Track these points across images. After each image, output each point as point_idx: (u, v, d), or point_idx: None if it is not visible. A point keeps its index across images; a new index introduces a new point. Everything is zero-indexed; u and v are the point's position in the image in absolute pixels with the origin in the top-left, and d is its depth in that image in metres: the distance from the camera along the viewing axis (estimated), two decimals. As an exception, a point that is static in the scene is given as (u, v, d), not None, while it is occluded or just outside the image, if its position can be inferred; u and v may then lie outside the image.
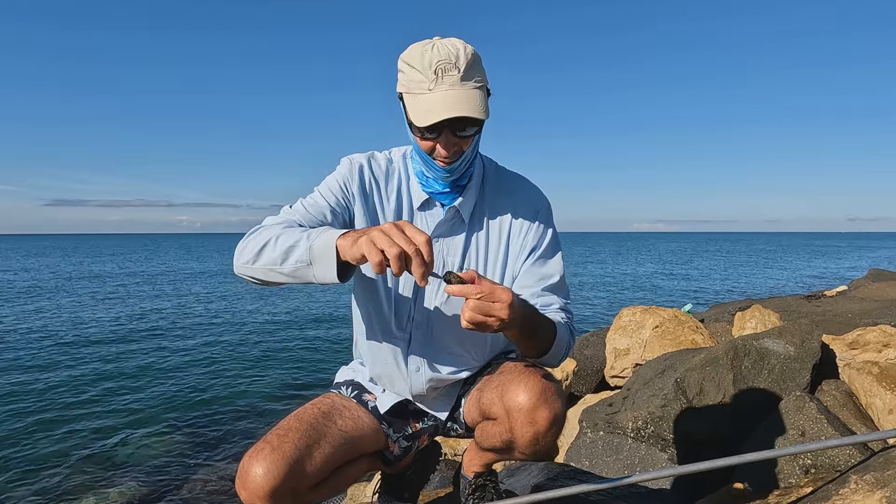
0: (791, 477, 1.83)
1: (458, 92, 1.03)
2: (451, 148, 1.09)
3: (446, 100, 1.03)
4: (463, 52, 1.05)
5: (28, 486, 4.46)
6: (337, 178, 1.21)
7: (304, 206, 1.16)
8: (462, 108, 1.02)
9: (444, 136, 1.08)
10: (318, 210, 1.15)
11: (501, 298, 0.93)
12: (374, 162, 1.25)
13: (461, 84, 1.04)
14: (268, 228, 1.08)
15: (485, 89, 1.08)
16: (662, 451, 2.34)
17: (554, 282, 1.23)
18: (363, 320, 1.28)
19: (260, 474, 1.02)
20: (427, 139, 1.09)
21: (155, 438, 5.47)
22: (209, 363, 8.85)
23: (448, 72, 1.03)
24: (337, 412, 1.22)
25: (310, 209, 1.15)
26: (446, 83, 1.03)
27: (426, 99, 1.04)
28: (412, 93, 1.07)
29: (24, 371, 8.12)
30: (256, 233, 1.08)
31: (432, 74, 1.03)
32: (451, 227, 1.22)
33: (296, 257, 0.99)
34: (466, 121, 1.06)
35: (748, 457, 1.29)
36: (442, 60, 1.03)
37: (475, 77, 1.06)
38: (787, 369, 2.50)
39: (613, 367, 4.49)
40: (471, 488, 1.38)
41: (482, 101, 1.06)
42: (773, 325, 4.57)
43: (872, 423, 2.36)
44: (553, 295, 1.22)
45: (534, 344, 1.10)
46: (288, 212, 1.15)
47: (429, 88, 1.04)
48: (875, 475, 1.31)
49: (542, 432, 1.07)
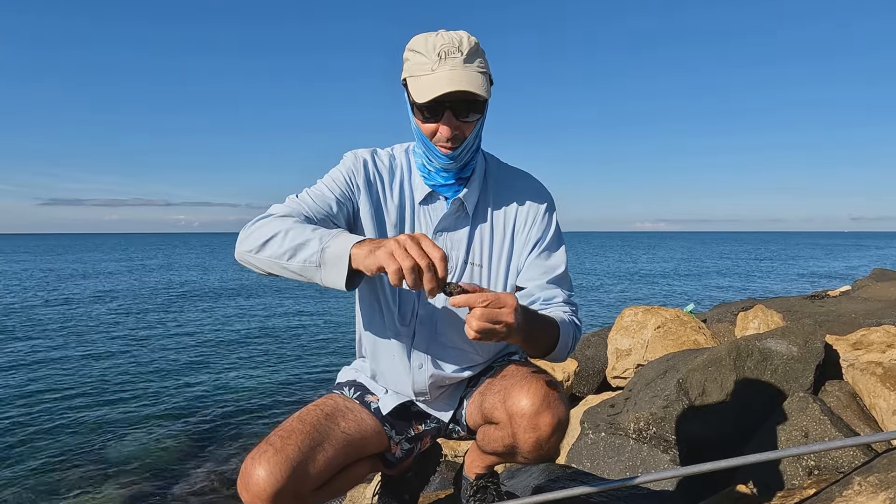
0: (794, 478, 1.82)
1: (461, 72, 1.05)
2: (453, 130, 1.09)
3: (448, 77, 1.04)
4: (466, 40, 1.07)
5: (28, 486, 4.47)
6: (342, 170, 1.21)
7: (311, 197, 1.15)
8: (464, 83, 1.03)
9: (445, 117, 1.08)
10: (324, 201, 1.15)
11: (507, 303, 0.93)
12: (377, 157, 1.25)
13: (464, 66, 1.06)
14: (276, 219, 1.06)
15: (487, 76, 1.10)
16: (665, 453, 2.33)
17: (558, 273, 1.23)
18: (366, 315, 1.28)
19: (262, 476, 1.02)
20: (429, 121, 1.10)
21: (155, 439, 5.48)
22: (210, 362, 8.86)
23: (451, 54, 1.05)
24: (340, 414, 1.21)
25: (316, 200, 1.14)
26: (449, 64, 1.05)
27: (428, 78, 1.06)
28: (415, 75, 1.08)
29: (23, 371, 8.15)
30: (263, 222, 1.07)
31: (436, 57, 1.05)
32: (455, 221, 1.22)
33: (305, 256, 0.98)
34: (468, 105, 1.07)
35: (751, 458, 1.29)
36: (446, 44, 1.06)
37: (478, 62, 1.08)
38: (791, 370, 2.50)
39: (615, 368, 4.48)
40: (472, 490, 1.38)
41: (484, 82, 1.07)
42: (776, 325, 4.55)
43: (876, 424, 2.35)
44: (557, 288, 1.22)
45: (538, 346, 1.10)
46: (294, 201, 1.14)
47: (432, 69, 1.06)
48: (879, 476, 1.30)
49: (544, 438, 1.07)
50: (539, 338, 1.08)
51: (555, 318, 1.13)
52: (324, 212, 1.13)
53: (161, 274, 27.89)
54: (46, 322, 12.78)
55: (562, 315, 1.16)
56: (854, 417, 2.36)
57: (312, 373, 8.15)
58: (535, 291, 1.21)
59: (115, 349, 9.81)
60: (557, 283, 1.23)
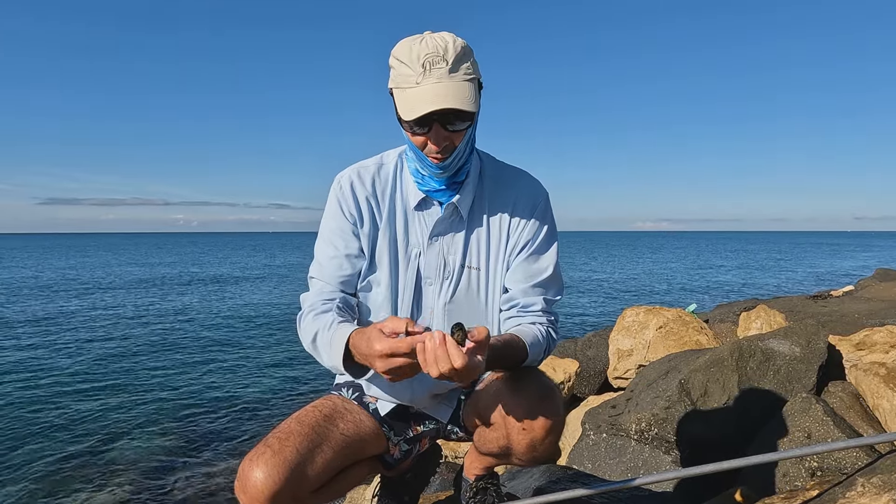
0: (797, 479, 1.81)
1: (446, 84, 1.01)
2: (442, 143, 1.07)
3: (433, 92, 1.01)
4: (452, 45, 1.02)
5: (26, 487, 4.47)
6: (332, 208, 1.21)
7: (328, 269, 1.19)
8: (449, 100, 1.00)
9: (433, 130, 1.05)
10: (339, 264, 1.18)
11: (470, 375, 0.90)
12: (362, 173, 1.23)
13: (449, 77, 1.02)
14: (308, 325, 1.12)
15: (475, 82, 1.06)
16: (666, 454, 2.32)
17: (545, 277, 1.21)
18: (363, 325, 1.27)
19: (260, 479, 1.02)
20: (417, 134, 1.07)
21: (154, 439, 5.48)
22: (209, 362, 8.86)
23: (436, 64, 1.01)
24: (339, 415, 1.21)
25: (335, 270, 1.18)
26: (434, 76, 1.01)
27: (413, 93, 1.02)
28: (401, 87, 1.05)
29: (22, 371, 8.16)
30: (301, 326, 1.15)
31: (420, 68, 1.01)
32: (450, 225, 1.20)
33: (329, 366, 1.09)
34: (456, 114, 1.04)
35: (753, 459, 1.28)
36: (430, 53, 1.01)
37: (465, 70, 1.03)
38: (793, 370, 2.48)
39: (616, 369, 4.47)
40: (472, 491, 1.38)
41: (471, 93, 1.03)
42: (778, 325, 4.54)
43: (879, 425, 2.33)
44: (540, 295, 1.20)
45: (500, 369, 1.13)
46: (317, 286, 1.19)
47: (416, 82, 1.02)
48: (882, 478, 1.29)
49: (538, 439, 1.06)
50: (500, 366, 1.10)
51: (525, 338, 1.11)
52: (347, 274, 1.19)
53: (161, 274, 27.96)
54: (46, 322, 12.81)
55: (535, 332, 1.15)
56: (857, 418, 2.34)
57: (311, 373, 8.15)
58: (516, 296, 1.20)
59: (114, 350, 9.83)
60: (543, 286, 1.21)
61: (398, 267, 1.20)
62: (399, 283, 1.20)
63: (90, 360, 9.03)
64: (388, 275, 1.19)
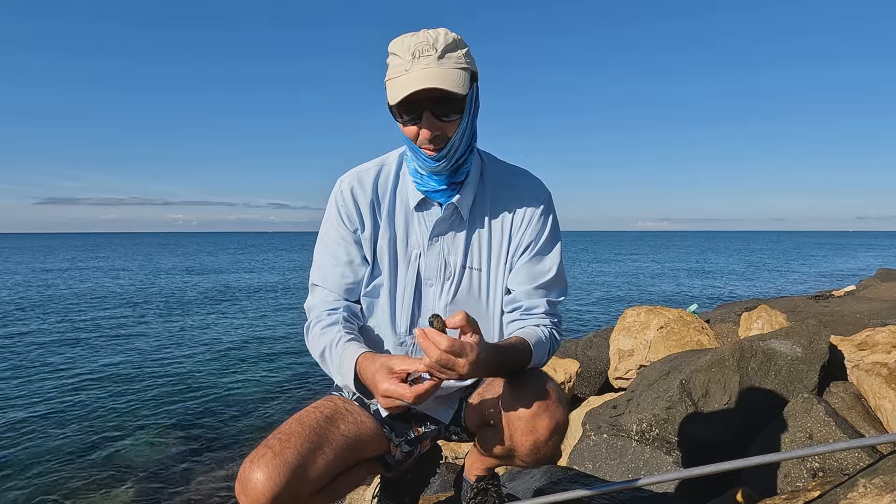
0: (798, 480, 1.80)
1: (434, 69, 1.02)
2: (434, 131, 1.07)
3: (419, 76, 1.02)
4: (443, 36, 1.03)
5: (27, 486, 4.48)
6: (332, 214, 1.22)
7: (331, 278, 1.20)
8: (434, 80, 1.00)
9: (424, 117, 1.06)
10: (341, 272, 1.20)
11: (466, 355, 0.91)
12: (362, 176, 1.23)
13: (438, 63, 1.02)
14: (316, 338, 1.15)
15: (467, 71, 1.06)
16: (667, 455, 2.32)
17: (548, 278, 1.21)
18: (365, 327, 1.27)
19: (261, 480, 1.01)
20: (408, 124, 1.08)
21: (154, 440, 5.48)
22: (209, 363, 8.86)
23: (425, 52, 1.02)
24: (340, 416, 1.20)
25: (338, 279, 1.20)
26: (422, 63, 1.02)
27: (401, 79, 1.04)
28: (391, 77, 1.06)
29: (22, 371, 8.17)
30: (308, 337, 1.18)
31: (409, 57, 1.03)
32: (451, 225, 1.20)
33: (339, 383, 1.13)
34: (446, 101, 1.04)
35: (755, 460, 1.28)
36: (420, 43, 1.03)
37: (455, 58, 1.04)
38: (795, 371, 2.48)
39: (617, 369, 4.47)
40: (472, 492, 1.37)
41: (460, 78, 1.03)
42: (780, 325, 4.53)
43: (881, 426, 2.32)
44: (543, 297, 1.20)
45: (504, 374, 1.11)
46: (322, 296, 1.21)
47: (406, 69, 1.03)
48: (884, 478, 1.29)
49: (542, 441, 1.06)
50: (505, 371, 1.09)
51: (529, 340, 1.11)
52: (350, 282, 1.21)
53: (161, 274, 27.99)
54: (46, 322, 12.83)
55: (538, 334, 1.15)
56: (859, 419, 2.34)
57: (311, 374, 8.15)
58: (520, 298, 1.20)
59: (113, 350, 9.84)
60: (546, 287, 1.21)
61: (398, 268, 1.20)
62: (399, 284, 1.20)
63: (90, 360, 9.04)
64: (389, 276, 1.19)
